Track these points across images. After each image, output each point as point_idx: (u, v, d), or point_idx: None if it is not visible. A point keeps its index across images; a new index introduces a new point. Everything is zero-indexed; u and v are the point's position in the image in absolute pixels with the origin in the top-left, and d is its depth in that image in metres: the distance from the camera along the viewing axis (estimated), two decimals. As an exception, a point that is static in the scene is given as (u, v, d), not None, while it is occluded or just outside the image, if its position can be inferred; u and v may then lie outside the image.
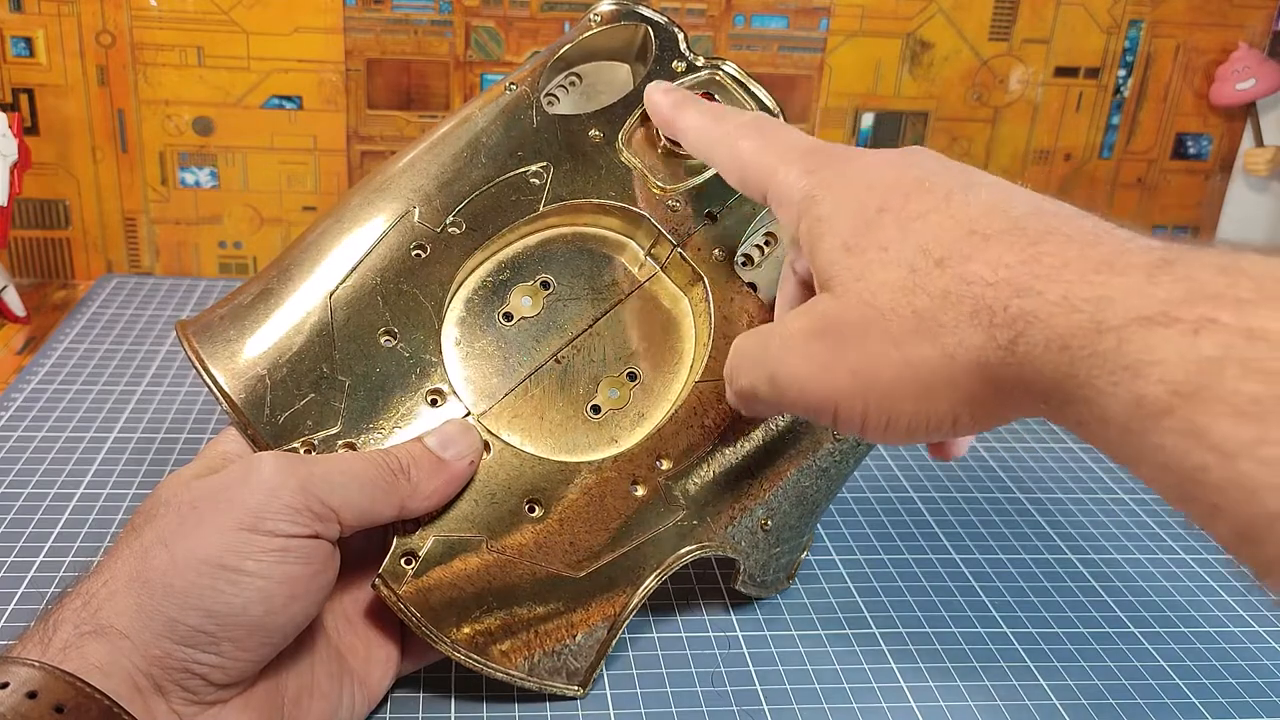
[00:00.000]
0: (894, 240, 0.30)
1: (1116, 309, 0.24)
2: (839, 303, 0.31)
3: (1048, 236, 0.27)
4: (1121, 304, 0.24)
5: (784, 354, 0.33)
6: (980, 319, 0.28)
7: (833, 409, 0.32)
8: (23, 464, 0.52)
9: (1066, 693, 0.42)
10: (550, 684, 0.39)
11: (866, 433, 0.31)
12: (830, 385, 0.31)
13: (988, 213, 0.29)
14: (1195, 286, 0.24)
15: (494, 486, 0.39)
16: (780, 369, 0.33)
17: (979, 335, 0.28)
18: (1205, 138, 0.82)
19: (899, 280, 0.29)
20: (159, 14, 0.70)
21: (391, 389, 0.39)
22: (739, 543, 0.42)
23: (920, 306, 0.29)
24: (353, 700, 0.37)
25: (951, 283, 0.28)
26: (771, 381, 0.33)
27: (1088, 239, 0.27)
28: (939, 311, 0.28)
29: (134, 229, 0.75)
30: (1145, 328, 0.24)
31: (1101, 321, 0.25)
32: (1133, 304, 0.24)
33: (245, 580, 0.31)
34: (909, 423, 0.30)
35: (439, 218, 0.42)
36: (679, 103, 0.41)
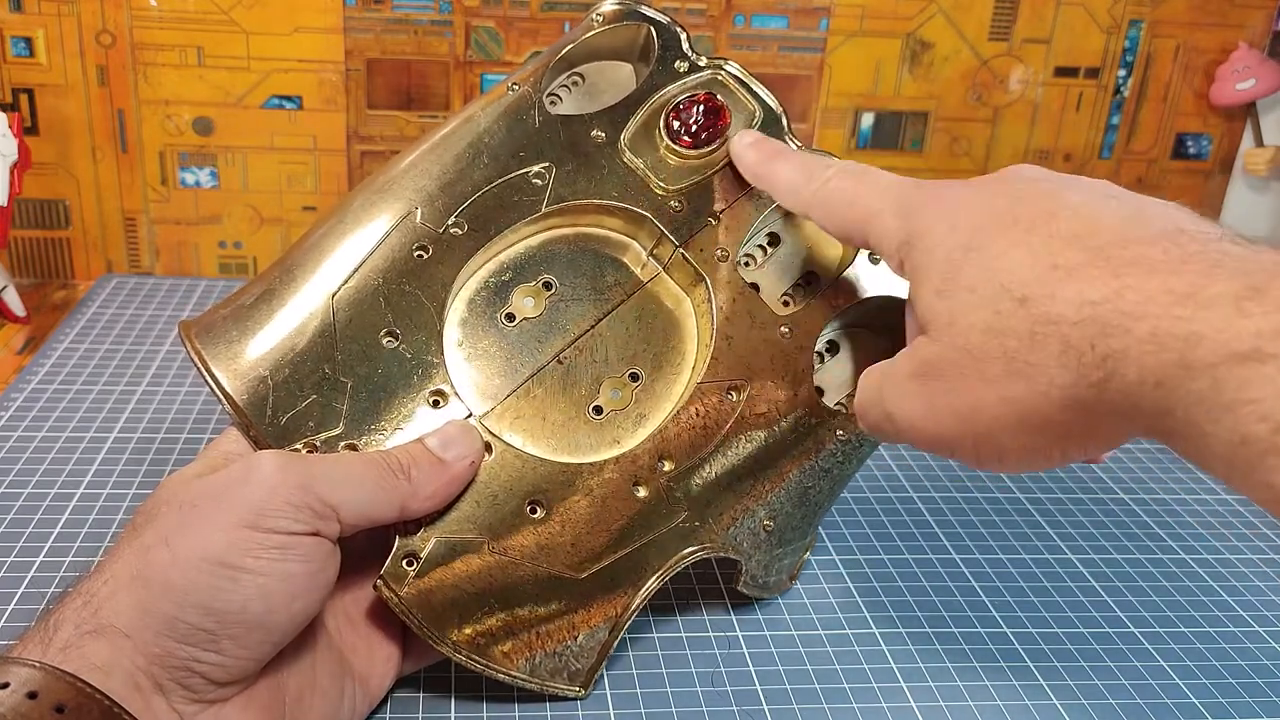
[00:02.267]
0: (980, 281, 0.31)
1: (1207, 346, 0.24)
2: (935, 346, 0.32)
3: (1131, 267, 0.27)
4: (1212, 340, 0.24)
5: (895, 396, 0.34)
6: (1069, 358, 0.28)
7: (947, 447, 0.33)
8: (23, 464, 0.52)
9: (1066, 693, 0.42)
10: (552, 685, 0.39)
11: (982, 466, 0.32)
12: (939, 425, 0.32)
13: (1069, 243, 0.29)
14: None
15: (496, 488, 0.39)
16: (894, 410, 0.34)
17: (1070, 374, 0.28)
18: (1205, 138, 0.82)
19: (987, 321, 0.30)
20: (159, 14, 0.70)
21: (393, 390, 0.39)
22: (741, 544, 0.42)
23: (1009, 347, 0.29)
24: (353, 700, 0.37)
25: (1037, 323, 0.28)
26: (890, 420, 0.35)
27: (1173, 265, 0.27)
28: (1028, 352, 0.29)
29: (134, 229, 0.75)
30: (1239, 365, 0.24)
31: (1193, 360, 0.25)
32: (1223, 340, 0.24)
33: (245, 578, 0.31)
34: (1018, 457, 0.31)
35: (441, 218, 0.42)
36: (769, 156, 0.42)
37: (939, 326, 0.32)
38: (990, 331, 0.30)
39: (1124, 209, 0.30)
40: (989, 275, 0.30)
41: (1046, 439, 0.30)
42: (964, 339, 0.31)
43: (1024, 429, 0.30)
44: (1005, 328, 0.29)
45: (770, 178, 0.41)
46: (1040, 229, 0.30)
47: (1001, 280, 0.30)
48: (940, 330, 0.32)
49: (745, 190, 0.45)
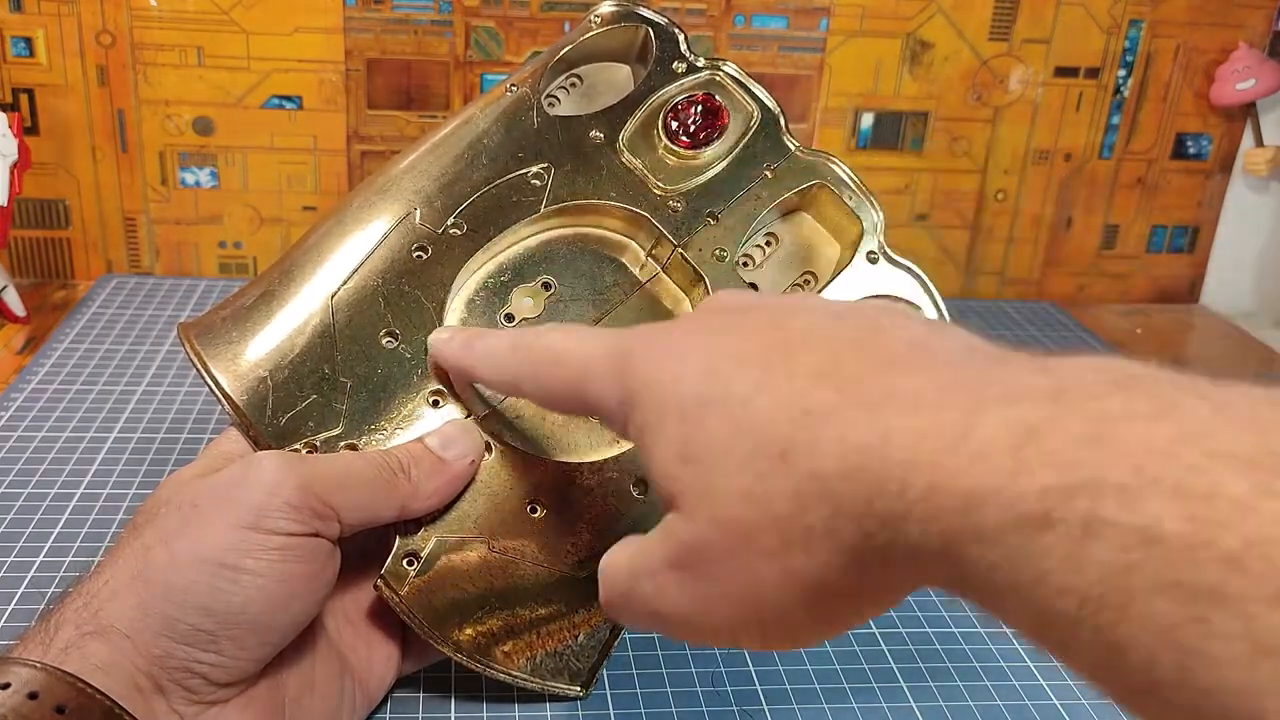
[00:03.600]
0: (726, 440, 0.26)
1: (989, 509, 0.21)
2: (691, 524, 0.27)
3: (889, 401, 0.24)
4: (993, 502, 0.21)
5: (654, 592, 0.29)
6: (846, 518, 0.24)
7: (729, 636, 0.28)
8: (23, 464, 0.52)
9: (1066, 693, 0.42)
10: (552, 684, 0.39)
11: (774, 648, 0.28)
12: (715, 617, 0.27)
13: (815, 381, 0.25)
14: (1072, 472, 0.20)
15: (496, 487, 0.39)
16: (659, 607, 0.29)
17: (851, 537, 0.24)
18: (1205, 138, 0.82)
19: (747, 487, 0.25)
20: (159, 14, 0.70)
21: (393, 390, 0.39)
22: (740, 543, 0.42)
23: (779, 512, 0.25)
24: (353, 700, 0.37)
25: (802, 481, 0.24)
26: (657, 619, 0.29)
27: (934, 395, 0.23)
28: (800, 515, 0.24)
29: (134, 229, 0.75)
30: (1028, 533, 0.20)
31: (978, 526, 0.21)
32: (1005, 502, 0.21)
33: (245, 578, 0.31)
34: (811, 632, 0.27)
35: (440, 219, 0.42)
36: (467, 339, 0.37)
37: (690, 501, 0.27)
38: (753, 499, 0.25)
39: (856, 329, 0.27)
40: (736, 431, 0.26)
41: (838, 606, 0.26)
42: (724, 511, 0.26)
43: (813, 599, 0.25)
44: (769, 491, 0.25)
45: (472, 359, 0.36)
46: (778, 366, 0.26)
47: (753, 436, 0.25)
48: (693, 506, 0.27)
49: (744, 190, 0.45)
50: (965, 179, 0.81)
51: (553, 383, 0.32)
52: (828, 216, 0.46)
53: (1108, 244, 0.84)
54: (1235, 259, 0.85)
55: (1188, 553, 0.18)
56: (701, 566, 0.27)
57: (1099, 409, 0.21)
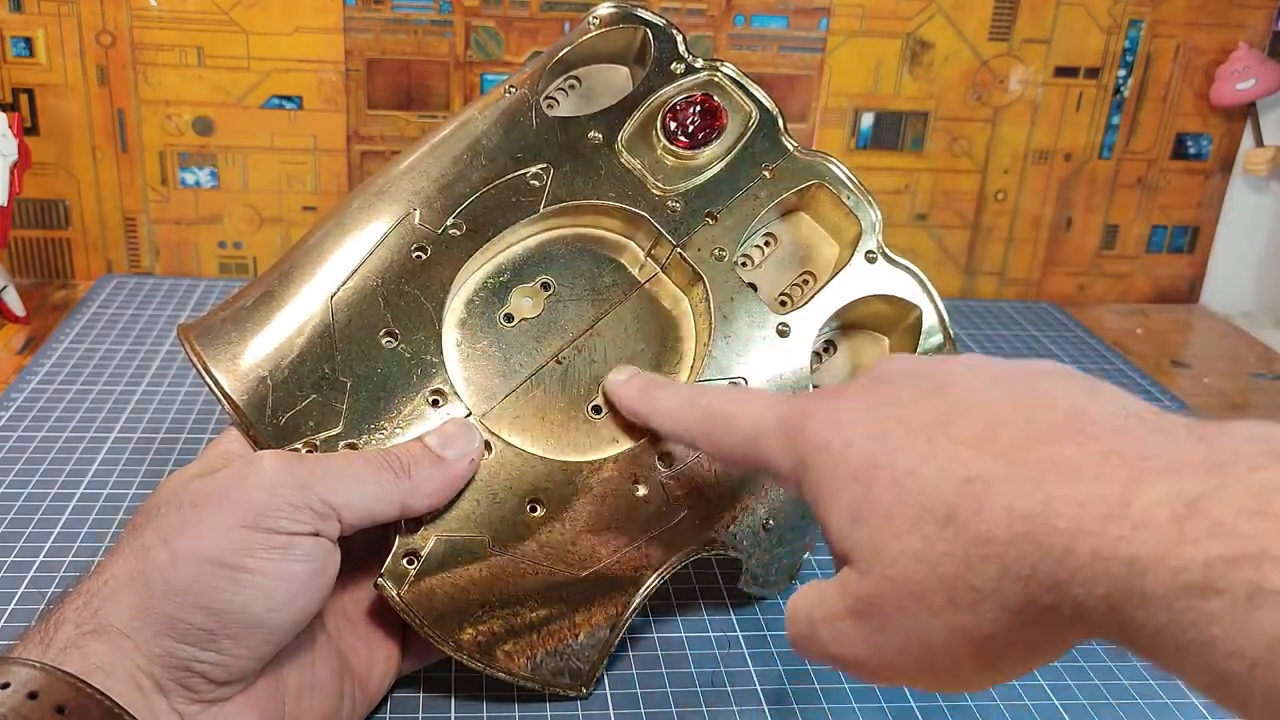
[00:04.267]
0: (895, 504, 0.28)
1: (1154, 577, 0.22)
2: (865, 580, 0.29)
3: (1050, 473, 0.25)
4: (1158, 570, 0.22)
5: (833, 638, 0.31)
6: (1010, 582, 0.25)
7: (905, 680, 0.30)
8: (23, 464, 0.52)
9: (1066, 693, 0.42)
10: (553, 684, 0.39)
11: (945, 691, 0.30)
12: (890, 664, 0.29)
13: (976, 450, 0.27)
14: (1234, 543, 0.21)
15: (496, 486, 0.39)
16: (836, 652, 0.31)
17: (1016, 599, 0.25)
18: (1205, 138, 0.82)
19: (915, 550, 0.27)
20: (159, 14, 0.70)
21: (393, 390, 0.39)
22: (741, 542, 0.42)
23: (945, 573, 0.26)
24: (353, 699, 0.37)
25: (969, 545, 0.26)
26: (836, 661, 0.31)
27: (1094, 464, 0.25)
28: (967, 577, 0.26)
29: (134, 229, 0.75)
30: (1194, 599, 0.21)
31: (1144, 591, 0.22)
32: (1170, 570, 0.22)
33: (245, 578, 0.31)
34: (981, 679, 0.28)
35: (440, 220, 0.42)
36: (647, 386, 0.40)
37: (863, 558, 0.29)
38: (921, 560, 0.27)
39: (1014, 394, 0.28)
40: (903, 496, 0.28)
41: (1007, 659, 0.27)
42: (895, 570, 0.28)
43: (981, 655, 0.27)
44: (936, 554, 0.27)
45: (650, 410, 0.39)
46: (940, 437, 0.28)
47: (920, 501, 0.27)
48: (867, 563, 0.29)
49: (742, 190, 0.45)
50: (965, 179, 0.81)
51: (727, 444, 0.35)
52: (826, 216, 0.46)
53: (1108, 244, 0.84)
54: (1235, 259, 0.85)
55: None
56: (876, 619, 0.29)
57: (1258, 481, 0.22)
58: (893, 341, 0.46)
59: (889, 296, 0.44)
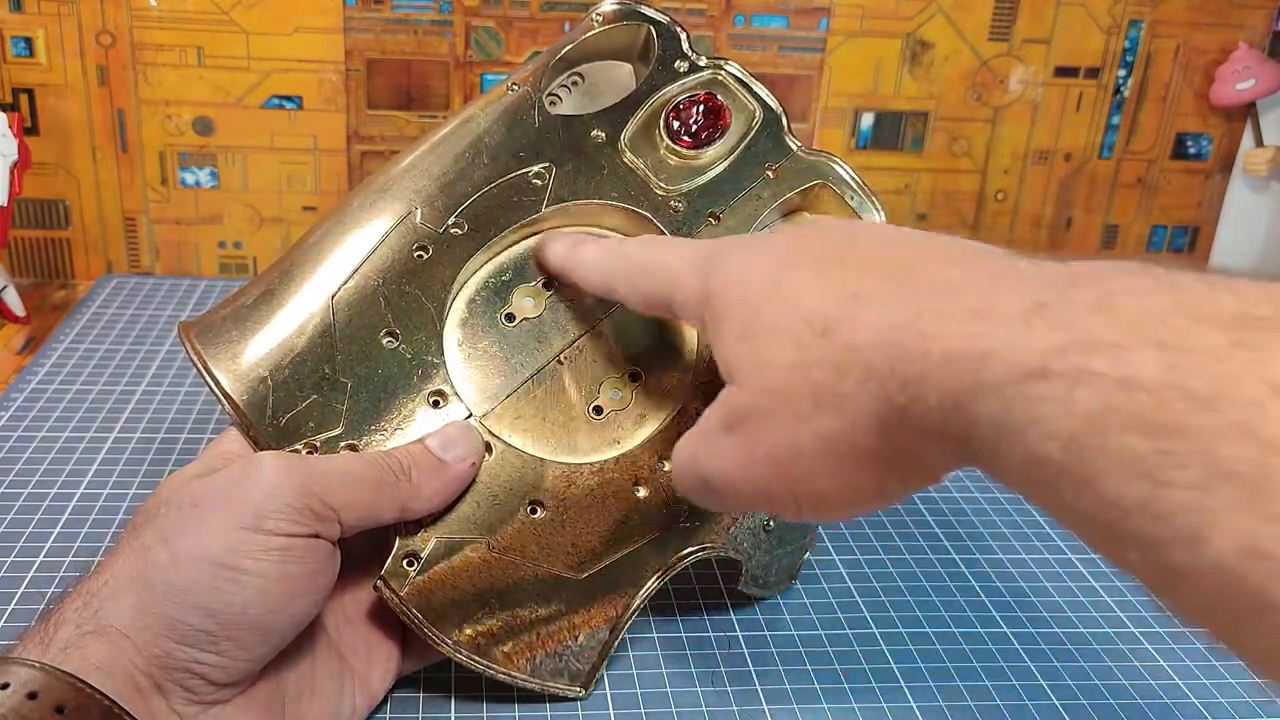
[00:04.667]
0: (780, 318, 0.30)
1: (996, 366, 0.24)
2: (744, 392, 0.31)
3: (929, 288, 0.27)
4: (1000, 359, 0.24)
5: (706, 455, 0.32)
6: (872, 384, 0.27)
7: (765, 499, 0.31)
8: (23, 464, 0.52)
9: (1066, 692, 0.42)
10: (552, 685, 0.39)
11: (804, 515, 0.31)
12: (755, 475, 0.31)
13: (867, 270, 0.29)
14: (1070, 333, 0.23)
15: (496, 488, 0.39)
16: (707, 469, 0.32)
17: (875, 401, 0.27)
18: (1205, 138, 0.82)
19: (791, 358, 0.29)
20: (159, 14, 0.70)
21: (393, 390, 0.39)
22: (741, 543, 0.42)
23: (816, 380, 0.28)
24: (353, 700, 0.37)
25: (839, 352, 0.28)
26: (705, 483, 0.33)
27: (968, 282, 0.26)
28: (835, 383, 0.28)
29: (134, 229, 0.75)
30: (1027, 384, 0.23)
31: (984, 381, 0.24)
32: (1012, 358, 0.24)
33: (245, 579, 0.31)
34: (840, 497, 0.30)
35: (441, 219, 0.42)
36: (574, 243, 0.41)
37: (744, 371, 0.31)
38: (796, 367, 0.29)
39: (919, 237, 0.30)
40: (789, 311, 0.30)
41: (864, 472, 0.29)
42: (770, 379, 0.30)
43: (841, 464, 0.29)
44: (810, 360, 0.28)
45: (575, 261, 0.40)
46: (837, 262, 0.30)
47: (802, 315, 0.29)
48: (745, 375, 0.30)
49: (745, 190, 0.45)
50: (965, 179, 0.81)
51: (646, 286, 0.37)
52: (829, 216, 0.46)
53: (1108, 244, 0.84)
54: (1235, 259, 0.85)
55: (1160, 394, 0.21)
56: (746, 428, 0.30)
57: (1106, 287, 0.23)
58: None
59: None
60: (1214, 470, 0.20)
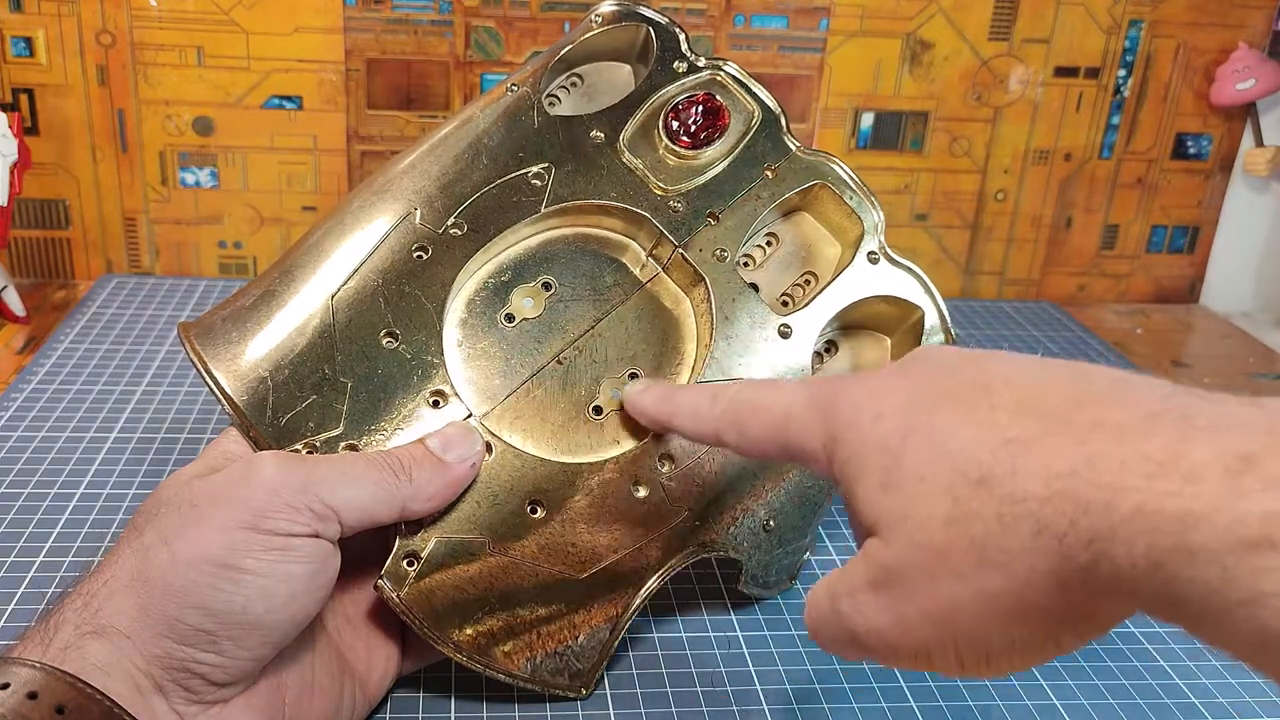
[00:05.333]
0: (927, 468, 0.27)
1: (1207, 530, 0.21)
2: (891, 547, 0.28)
3: (1094, 431, 0.24)
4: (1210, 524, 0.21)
5: (853, 611, 0.30)
6: (1046, 540, 0.24)
7: (925, 658, 0.29)
8: (23, 464, 0.52)
9: (1067, 693, 0.42)
10: (553, 685, 0.39)
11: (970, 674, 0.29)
12: (912, 636, 0.28)
13: (1017, 414, 0.26)
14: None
15: (496, 488, 0.39)
16: (857, 628, 0.30)
17: (1051, 559, 0.24)
18: (1205, 138, 0.82)
19: (945, 511, 0.26)
20: (159, 14, 0.70)
21: (393, 390, 0.39)
22: (741, 544, 0.42)
23: (976, 534, 0.26)
24: (353, 700, 0.37)
25: (1002, 504, 0.25)
26: (856, 642, 0.30)
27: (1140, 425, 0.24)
28: (999, 538, 0.25)
29: (134, 229, 0.75)
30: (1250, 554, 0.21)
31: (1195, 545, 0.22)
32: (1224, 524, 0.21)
33: (245, 579, 0.31)
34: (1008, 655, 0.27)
35: (440, 219, 0.42)
36: (666, 393, 0.39)
37: (890, 525, 0.28)
38: (951, 522, 0.26)
39: (1062, 371, 0.28)
40: (936, 459, 0.27)
41: (1036, 631, 0.26)
42: (923, 535, 0.27)
43: (1010, 623, 0.26)
44: (968, 514, 0.26)
45: (672, 411, 0.38)
46: (980, 402, 0.27)
47: (953, 463, 0.27)
48: (893, 530, 0.28)
49: (744, 190, 0.45)
50: (965, 179, 0.81)
51: (755, 432, 0.34)
52: (828, 216, 0.46)
53: (1108, 244, 0.84)
54: (1235, 259, 0.85)
55: None
56: (899, 587, 0.28)
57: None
58: (894, 342, 0.46)
59: (891, 297, 0.44)
60: None
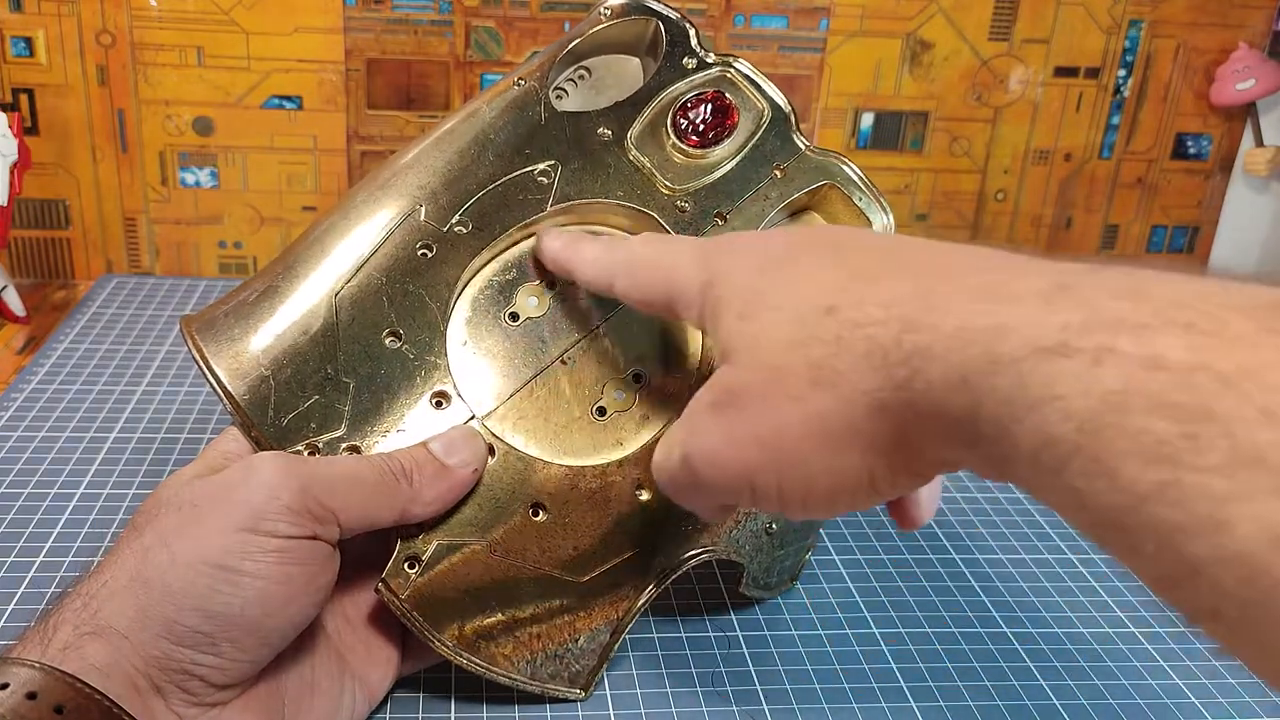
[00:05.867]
0: (784, 298, 0.30)
1: (1012, 340, 0.23)
2: (738, 370, 0.30)
3: (939, 272, 0.27)
4: (1018, 334, 0.23)
5: (691, 433, 0.31)
6: (874, 359, 0.26)
7: (748, 483, 0.30)
8: (23, 464, 0.52)
9: (1067, 693, 0.42)
10: (552, 687, 0.39)
11: (786, 505, 0.30)
12: (740, 457, 0.30)
13: (874, 259, 0.29)
14: (1094, 312, 0.22)
15: (498, 490, 0.38)
16: (690, 448, 0.31)
17: (875, 376, 0.26)
18: (1205, 138, 0.82)
19: (791, 335, 0.28)
20: (159, 14, 0.70)
21: (396, 391, 0.39)
22: (743, 546, 0.42)
23: (815, 356, 0.28)
24: (353, 701, 0.37)
25: (843, 327, 0.27)
26: (684, 463, 0.32)
27: (982, 267, 0.26)
28: (833, 359, 0.27)
29: (134, 229, 0.75)
30: (1044, 360, 0.22)
31: (999, 354, 0.23)
32: (1029, 334, 0.23)
33: (244, 581, 0.31)
34: (826, 485, 0.29)
35: (445, 217, 0.41)
36: (572, 240, 0.40)
37: (739, 350, 0.30)
38: (795, 344, 0.28)
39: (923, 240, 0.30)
40: (793, 291, 0.29)
41: (853, 458, 0.28)
42: (767, 356, 0.29)
43: (830, 446, 0.28)
44: (810, 337, 0.28)
45: (574, 257, 0.39)
46: (847, 249, 0.30)
47: (806, 294, 0.29)
48: (741, 354, 0.30)
49: (753, 189, 0.44)
50: (965, 179, 0.81)
51: (645, 278, 0.36)
52: (837, 217, 0.46)
53: (1108, 244, 0.84)
54: (1235, 259, 0.85)
55: (1186, 376, 0.20)
56: (737, 405, 0.30)
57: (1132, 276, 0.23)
58: None
59: None
60: (1240, 455, 0.19)
